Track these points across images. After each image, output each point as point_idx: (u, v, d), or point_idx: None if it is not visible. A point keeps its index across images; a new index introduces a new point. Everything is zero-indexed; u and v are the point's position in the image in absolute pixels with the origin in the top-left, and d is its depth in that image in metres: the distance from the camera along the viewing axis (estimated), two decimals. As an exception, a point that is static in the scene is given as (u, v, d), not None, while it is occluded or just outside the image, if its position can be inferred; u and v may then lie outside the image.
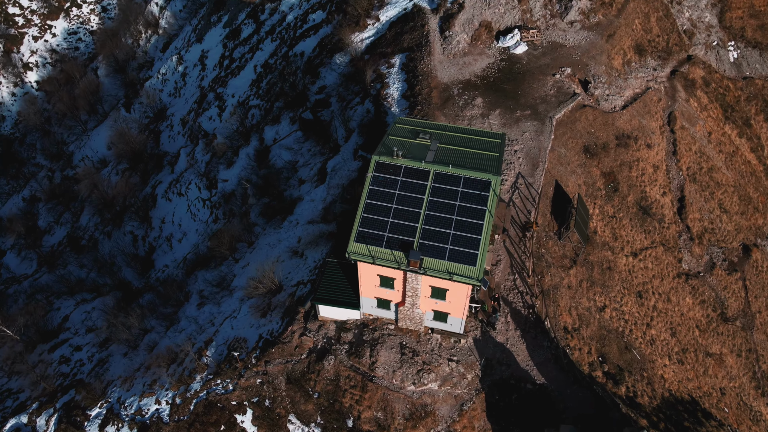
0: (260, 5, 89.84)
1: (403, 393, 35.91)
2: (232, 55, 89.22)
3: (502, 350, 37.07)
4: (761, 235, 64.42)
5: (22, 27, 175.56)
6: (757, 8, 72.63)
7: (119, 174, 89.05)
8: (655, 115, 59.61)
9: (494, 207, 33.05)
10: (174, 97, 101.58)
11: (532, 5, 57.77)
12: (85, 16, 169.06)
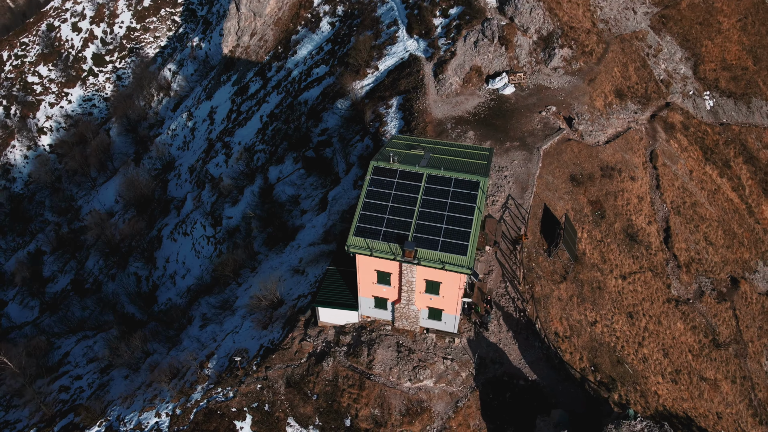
0: (267, 64, 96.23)
1: (400, 389, 36.93)
2: (239, 109, 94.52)
3: (495, 350, 38.42)
4: (748, 268, 66.38)
5: (40, 94, 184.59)
6: (728, 62, 78.35)
7: (126, 222, 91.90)
8: (638, 152, 63.36)
9: (483, 204, 35.65)
10: (182, 150, 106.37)
11: (518, 53, 62.89)
12: (100, 84, 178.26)
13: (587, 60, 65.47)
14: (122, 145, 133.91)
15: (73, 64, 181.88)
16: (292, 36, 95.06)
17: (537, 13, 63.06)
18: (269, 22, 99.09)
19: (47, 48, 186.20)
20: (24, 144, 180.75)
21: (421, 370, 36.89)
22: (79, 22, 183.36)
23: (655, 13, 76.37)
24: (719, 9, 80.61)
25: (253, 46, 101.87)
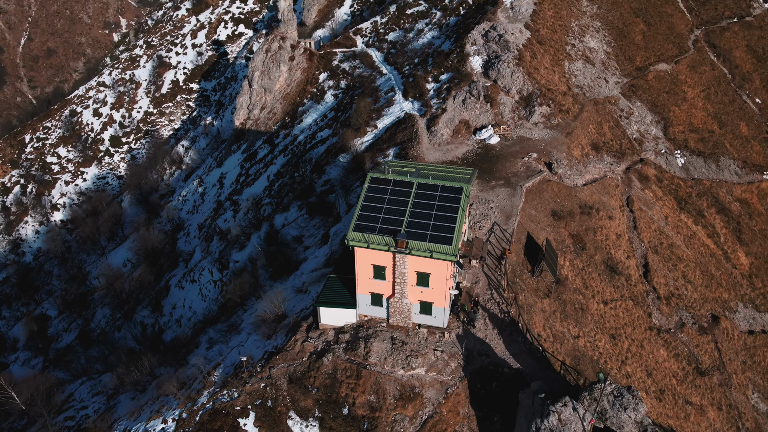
0: (276, 132, 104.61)
1: (394, 376, 39.89)
2: (248, 172, 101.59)
3: (482, 344, 41.72)
4: (728, 308, 69.74)
5: (57, 173, 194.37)
6: (695, 125, 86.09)
7: (135, 276, 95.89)
8: (614, 196, 68.96)
9: (466, 205, 40.58)
10: (192, 213, 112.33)
11: (502, 109, 70.39)
12: (115, 163, 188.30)
13: (564, 117, 72.90)
14: (133, 214, 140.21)
15: (91, 145, 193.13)
16: (298, 108, 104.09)
17: (517, 76, 71.26)
18: (278, 97, 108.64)
19: (68, 131, 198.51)
20: (36, 219, 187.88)
21: (413, 359, 40.09)
22: (101, 108, 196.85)
23: (625, 83, 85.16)
24: (683, 81, 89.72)
25: (262, 118, 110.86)
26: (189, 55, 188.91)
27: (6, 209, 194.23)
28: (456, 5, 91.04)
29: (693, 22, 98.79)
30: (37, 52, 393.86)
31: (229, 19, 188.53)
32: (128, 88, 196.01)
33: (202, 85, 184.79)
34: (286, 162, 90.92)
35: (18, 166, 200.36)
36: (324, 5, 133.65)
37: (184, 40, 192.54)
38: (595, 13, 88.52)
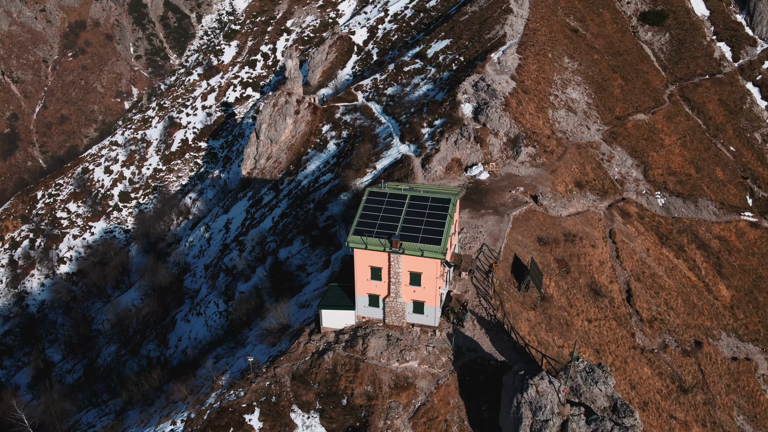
0: (280, 180, 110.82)
1: (389, 368, 43.30)
2: (253, 216, 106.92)
3: (470, 341, 45.35)
4: (711, 336, 72.87)
5: (66, 228, 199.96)
6: (673, 169, 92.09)
7: (142, 312, 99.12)
8: (597, 228, 73.73)
9: (454, 213, 45.41)
10: (198, 257, 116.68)
11: (491, 149, 76.52)
12: (123, 218, 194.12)
13: (549, 157, 78.93)
14: (140, 262, 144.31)
15: (101, 201, 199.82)
16: (302, 157, 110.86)
17: (504, 120, 77.89)
18: (283, 148, 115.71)
19: (79, 188, 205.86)
20: (42, 273, 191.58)
21: (407, 352, 43.69)
22: (112, 165, 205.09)
23: (606, 130, 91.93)
24: (660, 129, 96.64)
25: (268, 167, 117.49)
26: (199, 115, 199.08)
27: (13, 263, 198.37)
28: (449, 62, 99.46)
29: (667, 78, 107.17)
30: (51, 119, 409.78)
31: (238, 82, 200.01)
32: (139, 146, 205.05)
33: (210, 144, 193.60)
34: (290, 204, 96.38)
35: (28, 221, 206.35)
36: (327, 67, 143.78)
37: (195, 102, 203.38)
38: (576, 69, 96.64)
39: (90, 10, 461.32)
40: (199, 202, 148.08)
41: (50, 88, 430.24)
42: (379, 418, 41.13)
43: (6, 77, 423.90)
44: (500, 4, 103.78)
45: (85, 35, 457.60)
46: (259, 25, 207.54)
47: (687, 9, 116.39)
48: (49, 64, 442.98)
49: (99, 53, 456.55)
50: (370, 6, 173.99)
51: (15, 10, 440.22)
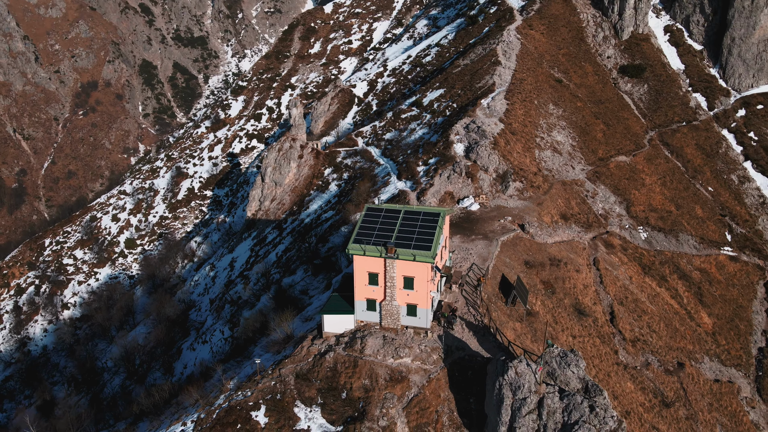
0: (284, 219, 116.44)
1: (385, 363, 47.34)
2: (258, 254, 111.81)
3: (459, 341, 49.55)
4: (694, 358, 76.34)
5: (72, 274, 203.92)
6: (654, 206, 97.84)
7: (148, 342, 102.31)
8: (581, 255, 78.58)
9: (443, 225, 50.64)
10: (203, 296, 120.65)
11: (481, 184, 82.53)
12: (128, 264, 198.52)
13: (536, 192, 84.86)
14: (145, 303, 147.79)
15: (107, 247, 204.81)
16: (305, 198, 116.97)
17: (493, 157, 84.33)
18: (287, 190, 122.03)
19: (87, 235, 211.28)
20: (46, 318, 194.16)
21: (401, 350, 47.89)
22: (119, 213, 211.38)
23: (590, 170, 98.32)
24: (641, 170, 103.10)
25: (272, 209, 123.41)
26: (205, 165, 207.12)
27: (18, 309, 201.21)
28: (443, 109, 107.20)
29: (647, 125, 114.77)
30: (58, 174, 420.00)
31: (244, 134, 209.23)
32: (147, 195, 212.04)
33: (216, 192, 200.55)
34: (293, 240, 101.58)
35: (35, 267, 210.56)
36: (329, 117, 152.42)
37: (202, 153, 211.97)
38: (561, 115, 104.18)
39: (102, 71, 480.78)
40: (204, 245, 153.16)
41: (60, 144, 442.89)
42: (376, 407, 44.92)
43: (17, 134, 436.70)
44: (490, 57, 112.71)
45: (97, 95, 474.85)
46: (265, 81, 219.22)
47: (663, 63, 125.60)
48: (60, 121, 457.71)
49: (109, 111, 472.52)
50: (371, 63, 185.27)
51: (30, 71, 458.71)
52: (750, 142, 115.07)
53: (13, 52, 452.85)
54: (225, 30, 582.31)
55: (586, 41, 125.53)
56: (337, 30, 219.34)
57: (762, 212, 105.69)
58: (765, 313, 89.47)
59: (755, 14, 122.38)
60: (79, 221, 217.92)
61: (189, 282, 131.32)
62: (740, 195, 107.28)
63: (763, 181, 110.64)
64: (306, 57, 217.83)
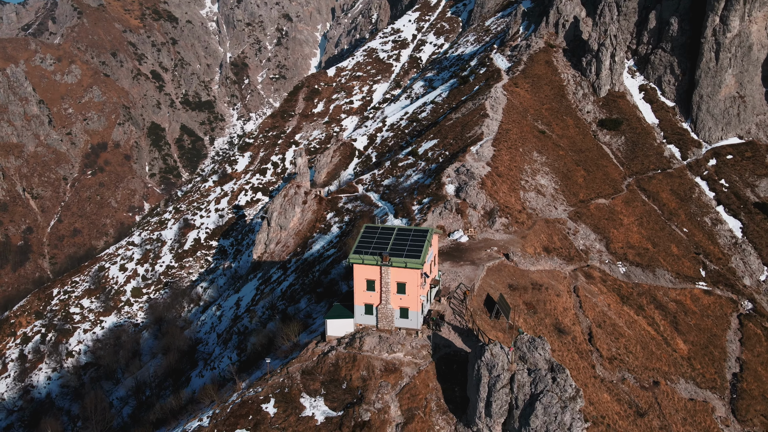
0: (288, 260, 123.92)
1: (380, 357, 53.90)
2: (263, 292, 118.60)
3: (446, 340, 56.28)
4: (669, 379, 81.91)
5: (78, 323, 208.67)
6: (632, 244, 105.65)
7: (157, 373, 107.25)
8: (562, 283, 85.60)
9: (432, 239, 58.39)
10: (209, 334, 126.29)
11: (470, 219, 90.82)
12: (133, 312, 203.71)
13: (520, 227, 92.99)
14: (152, 345, 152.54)
15: (113, 296, 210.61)
16: (308, 240, 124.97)
17: (481, 196, 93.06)
18: (291, 233, 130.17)
19: (94, 284, 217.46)
20: (50, 366, 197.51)
21: (395, 346, 54.63)
22: (127, 263, 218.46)
23: (571, 210, 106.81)
24: (619, 211, 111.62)
25: (277, 251, 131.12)
26: (212, 217, 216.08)
27: (23, 357, 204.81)
28: (436, 156, 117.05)
29: (625, 172, 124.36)
30: (64, 232, 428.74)
31: (249, 188, 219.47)
32: (154, 246, 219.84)
33: (221, 242, 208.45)
34: (297, 276, 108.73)
35: (42, 316, 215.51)
36: (332, 169, 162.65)
37: (209, 205, 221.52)
38: (544, 162, 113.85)
39: (113, 133, 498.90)
40: (210, 289, 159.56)
41: (67, 203, 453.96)
42: (372, 393, 51.27)
43: (26, 193, 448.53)
44: (479, 110, 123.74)
45: (105, 155, 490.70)
46: (271, 138, 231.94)
47: (638, 117, 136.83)
48: (69, 181, 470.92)
49: (116, 171, 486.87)
50: (371, 121, 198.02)
51: (43, 133, 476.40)
52: (721, 189, 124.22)
53: (28, 115, 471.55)
54: (231, 95, 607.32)
55: (567, 98, 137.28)
56: (340, 91, 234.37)
57: (734, 252, 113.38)
58: (738, 342, 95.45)
59: (720, 74, 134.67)
60: (88, 271, 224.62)
61: (195, 323, 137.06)
62: (713, 236, 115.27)
63: (734, 224, 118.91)
64: (310, 116, 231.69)
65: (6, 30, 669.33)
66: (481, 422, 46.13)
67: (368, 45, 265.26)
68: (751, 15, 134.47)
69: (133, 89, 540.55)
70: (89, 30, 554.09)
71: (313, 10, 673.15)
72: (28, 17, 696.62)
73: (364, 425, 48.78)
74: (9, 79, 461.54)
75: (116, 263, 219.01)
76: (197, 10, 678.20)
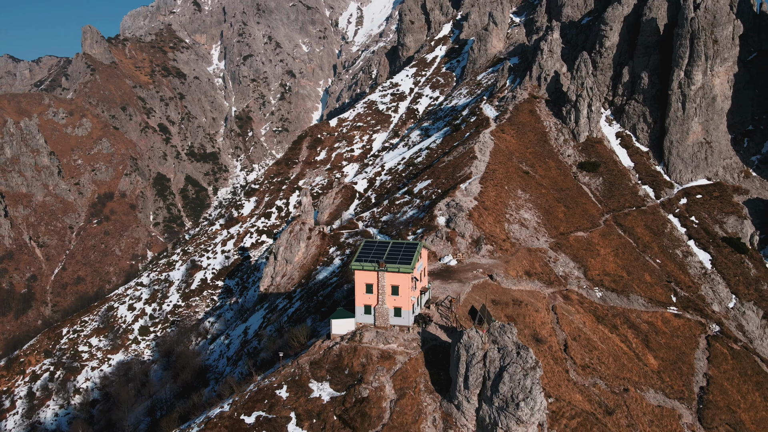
0: (294, 291, 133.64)
1: (377, 347, 63.54)
2: (269, 319, 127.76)
3: (433, 336, 66.00)
4: (639, 387, 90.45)
5: (86, 361, 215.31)
6: (608, 272, 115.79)
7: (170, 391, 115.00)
8: (541, 301, 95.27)
9: (421, 250, 69.00)
10: (218, 360, 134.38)
11: (459, 246, 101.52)
12: (140, 350, 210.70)
13: (504, 254, 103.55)
14: (161, 376, 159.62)
15: (121, 335, 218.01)
16: (312, 272, 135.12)
17: (468, 226, 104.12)
18: (296, 267, 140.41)
19: (103, 324, 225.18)
20: (58, 403, 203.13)
21: (389, 338, 64.39)
22: (135, 303, 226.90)
23: (552, 241, 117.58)
24: (597, 243, 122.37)
25: (283, 283, 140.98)
26: (218, 258, 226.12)
27: (31, 394, 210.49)
28: (430, 194, 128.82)
29: (602, 209, 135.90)
30: (67, 280, 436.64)
31: (254, 230, 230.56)
32: (162, 286, 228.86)
33: (227, 282, 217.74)
34: (302, 302, 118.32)
35: (51, 355, 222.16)
36: (334, 209, 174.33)
37: (215, 247, 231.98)
38: (528, 198, 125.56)
39: (119, 183, 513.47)
40: (217, 323, 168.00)
41: (72, 251, 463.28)
42: (370, 375, 60.73)
43: (32, 242, 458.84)
44: (468, 153, 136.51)
45: (111, 204, 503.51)
46: (275, 184, 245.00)
47: (615, 161, 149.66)
48: (75, 230, 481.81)
49: (121, 220, 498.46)
50: (370, 167, 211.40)
51: (52, 183, 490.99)
52: (692, 224, 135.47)
53: (39, 166, 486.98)
54: (235, 146, 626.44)
55: (549, 143, 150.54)
56: (341, 140, 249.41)
57: (704, 281, 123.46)
58: (706, 360, 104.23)
59: (687, 122, 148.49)
60: (97, 311, 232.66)
61: (204, 352, 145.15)
62: (684, 266, 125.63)
63: (704, 256, 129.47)
64: (313, 163, 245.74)
65: (19, 86, 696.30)
66: (461, 395, 55.57)
67: (368, 98, 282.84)
68: (713, 70, 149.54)
69: (141, 141, 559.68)
70: (101, 86, 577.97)
71: (315, 66, 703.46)
72: (40, 74, 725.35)
73: (363, 400, 58.10)
74: (22, 132, 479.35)
75: (125, 303, 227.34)
76: (204, 66, 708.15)
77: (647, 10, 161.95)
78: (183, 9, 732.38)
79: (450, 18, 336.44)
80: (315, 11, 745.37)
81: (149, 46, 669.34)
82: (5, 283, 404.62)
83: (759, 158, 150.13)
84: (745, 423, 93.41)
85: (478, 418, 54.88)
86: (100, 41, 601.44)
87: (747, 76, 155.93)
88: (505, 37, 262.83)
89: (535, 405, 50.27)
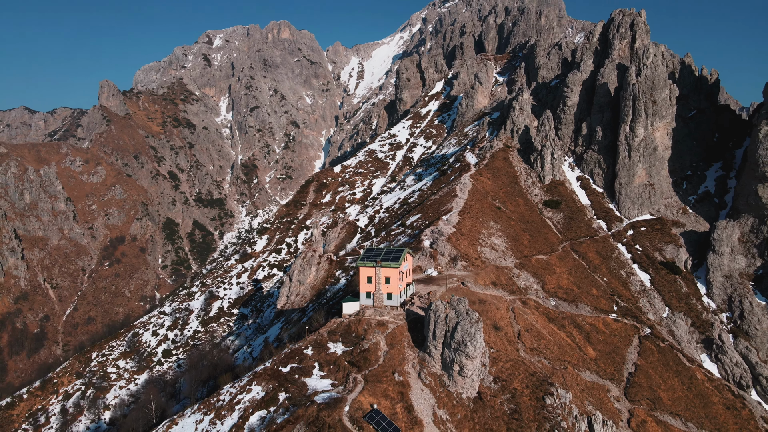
0: (306, 306, 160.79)
1: (375, 318, 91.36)
2: (287, 328, 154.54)
3: (414, 312, 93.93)
4: (578, 368, 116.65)
5: (114, 380, 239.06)
6: (562, 286, 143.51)
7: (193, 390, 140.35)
8: (502, 303, 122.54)
9: (406, 254, 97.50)
10: (243, 363, 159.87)
11: (439, 261, 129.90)
12: (164, 370, 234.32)
13: (475, 268, 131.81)
14: (186, 388, 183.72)
15: (146, 357, 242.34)
16: (322, 291, 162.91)
17: (447, 247, 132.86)
18: (308, 287, 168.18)
19: (129, 348, 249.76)
20: (89, 418, 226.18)
21: (383, 313, 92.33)
22: (158, 329, 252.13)
23: (517, 262, 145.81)
24: (554, 264, 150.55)
25: (296, 301, 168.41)
26: (234, 289, 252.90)
27: (64, 411, 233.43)
28: (418, 225, 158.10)
29: (562, 238, 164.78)
30: (79, 320, 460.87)
31: (266, 264, 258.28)
32: (183, 314, 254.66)
33: (241, 310, 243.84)
34: (315, 310, 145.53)
35: (82, 376, 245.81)
36: (339, 242, 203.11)
37: (231, 279, 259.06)
38: (498, 228, 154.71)
39: (130, 227, 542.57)
40: (237, 340, 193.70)
41: (83, 292, 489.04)
42: (370, 335, 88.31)
43: (46, 283, 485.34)
44: (451, 192, 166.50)
45: (123, 248, 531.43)
46: (285, 224, 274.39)
47: (574, 199, 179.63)
48: (87, 272, 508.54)
49: (132, 263, 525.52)
50: (370, 207, 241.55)
51: (67, 228, 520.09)
52: (636, 251, 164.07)
53: (55, 211, 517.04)
54: (241, 193, 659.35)
55: (519, 184, 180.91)
56: (344, 185, 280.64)
57: (643, 296, 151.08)
58: (636, 353, 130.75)
59: (633, 168, 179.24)
60: (123, 337, 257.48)
61: (231, 356, 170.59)
62: (627, 284, 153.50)
63: (645, 276, 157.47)
64: (319, 205, 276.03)
65: (33, 136, 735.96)
66: (431, 345, 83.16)
67: (369, 147, 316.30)
68: (653, 125, 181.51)
69: (152, 188, 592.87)
70: (115, 136, 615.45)
71: (318, 117, 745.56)
72: (54, 124, 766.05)
73: (365, 350, 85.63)
74: (41, 179, 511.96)
75: (149, 329, 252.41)
76: (213, 117, 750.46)
77: (600, 76, 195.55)
78: (194, 64, 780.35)
79: (442, 76, 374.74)
80: (318, 66, 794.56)
81: (161, 99, 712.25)
82: (20, 323, 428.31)
83: (695, 198, 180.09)
84: (662, 399, 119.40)
85: (441, 359, 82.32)
86: (116, 94, 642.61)
87: (686, 130, 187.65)
88: (489, 94, 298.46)
89: (477, 344, 77.95)
